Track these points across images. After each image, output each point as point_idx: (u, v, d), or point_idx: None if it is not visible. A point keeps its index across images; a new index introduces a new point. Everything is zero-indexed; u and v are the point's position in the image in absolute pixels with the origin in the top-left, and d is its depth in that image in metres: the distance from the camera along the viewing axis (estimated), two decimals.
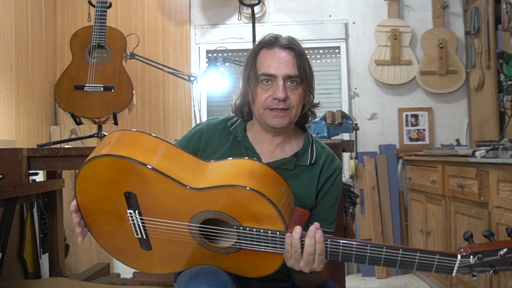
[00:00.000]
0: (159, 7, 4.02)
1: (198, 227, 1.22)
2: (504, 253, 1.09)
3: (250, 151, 1.42)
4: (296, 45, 1.39)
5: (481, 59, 3.52)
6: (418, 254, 1.11)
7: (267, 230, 1.17)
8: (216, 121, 1.49)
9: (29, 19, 3.44)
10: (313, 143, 1.46)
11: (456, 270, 1.11)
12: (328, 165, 1.42)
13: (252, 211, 1.16)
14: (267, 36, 1.41)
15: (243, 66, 1.45)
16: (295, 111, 1.37)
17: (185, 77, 3.00)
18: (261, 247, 1.18)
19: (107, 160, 1.21)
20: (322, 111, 1.85)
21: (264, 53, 1.38)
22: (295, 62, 1.36)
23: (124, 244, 1.31)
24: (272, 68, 1.35)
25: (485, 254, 1.09)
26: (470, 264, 1.10)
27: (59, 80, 2.34)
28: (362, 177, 3.87)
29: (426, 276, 3.44)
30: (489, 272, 1.11)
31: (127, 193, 1.24)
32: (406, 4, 4.01)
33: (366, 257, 1.14)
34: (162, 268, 1.32)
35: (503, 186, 2.31)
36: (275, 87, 1.34)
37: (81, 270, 3.20)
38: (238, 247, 1.22)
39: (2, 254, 2.12)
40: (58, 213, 2.73)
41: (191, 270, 1.24)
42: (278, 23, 4.01)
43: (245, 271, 1.26)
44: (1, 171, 1.85)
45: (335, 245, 1.15)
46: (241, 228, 1.19)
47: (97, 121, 2.31)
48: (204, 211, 1.20)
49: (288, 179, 1.32)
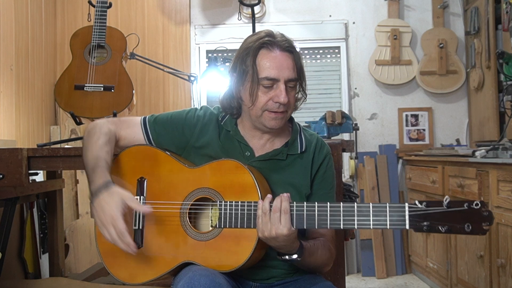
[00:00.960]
0: (159, 7, 4.02)
1: (188, 204, 1.35)
2: (448, 202, 1.14)
3: (243, 145, 1.44)
4: (294, 46, 1.40)
5: (481, 59, 3.52)
6: (371, 205, 1.19)
7: (244, 202, 1.29)
8: (211, 113, 1.49)
9: (29, 19, 3.44)
10: (301, 131, 1.48)
11: (408, 221, 1.16)
12: (318, 152, 1.46)
13: (234, 182, 1.32)
14: (262, 33, 1.40)
15: (233, 62, 1.44)
16: (291, 111, 1.42)
17: (185, 77, 3.00)
18: (238, 223, 1.29)
19: (129, 150, 1.46)
20: (322, 111, 1.85)
21: (264, 54, 1.37)
22: (295, 64, 1.38)
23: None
24: (274, 72, 1.35)
25: (430, 204, 1.15)
26: (419, 209, 1.15)
27: (59, 80, 2.34)
28: (362, 177, 3.87)
29: (426, 276, 3.44)
30: (442, 228, 1.14)
31: (140, 178, 1.42)
32: (406, 4, 4.01)
33: (327, 217, 1.23)
34: (146, 273, 1.36)
35: (503, 186, 2.31)
36: (277, 91, 1.35)
37: (81, 270, 3.20)
38: (219, 228, 1.31)
39: (2, 254, 2.12)
40: (58, 213, 2.72)
41: (187, 273, 1.25)
42: (278, 23, 4.01)
43: (223, 262, 1.29)
44: (1, 171, 1.84)
45: (299, 207, 1.25)
46: (223, 202, 1.31)
47: None
48: (197, 189, 1.35)
49: (282, 169, 1.41)
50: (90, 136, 1.44)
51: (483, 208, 1.13)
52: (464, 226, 1.13)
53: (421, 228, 1.15)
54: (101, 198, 1.29)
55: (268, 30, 1.42)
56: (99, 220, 1.28)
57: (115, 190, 1.30)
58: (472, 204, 1.13)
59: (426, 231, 1.15)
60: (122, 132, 1.48)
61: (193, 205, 1.36)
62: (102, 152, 1.39)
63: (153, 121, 1.49)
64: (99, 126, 1.45)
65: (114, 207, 1.26)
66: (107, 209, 1.26)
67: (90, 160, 1.38)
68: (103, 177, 1.33)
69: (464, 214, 1.13)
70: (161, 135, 1.47)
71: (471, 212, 1.13)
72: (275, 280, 1.40)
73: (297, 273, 1.42)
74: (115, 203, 1.27)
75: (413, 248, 3.66)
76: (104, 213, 1.27)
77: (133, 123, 1.50)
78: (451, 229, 1.14)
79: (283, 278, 1.40)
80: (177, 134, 1.46)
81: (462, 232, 1.13)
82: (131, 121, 1.50)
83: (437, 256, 3.18)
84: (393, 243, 3.77)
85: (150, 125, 1.48)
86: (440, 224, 1.14)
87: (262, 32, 1.41)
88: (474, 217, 1.13)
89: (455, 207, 1.14)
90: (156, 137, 1.47)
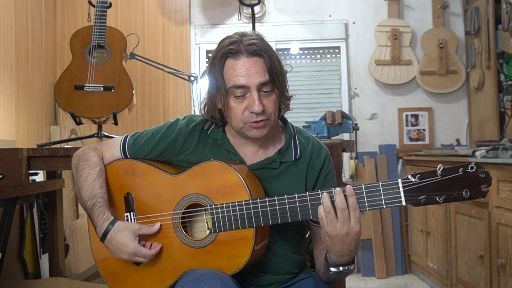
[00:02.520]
0: (159, 7, 4.02)
1: (179, 213, 1.32)
2: (441, 171, 1.09)
3: (232, 154, 1.38)
4: (262, 47, 1.28)
5: (481, 59, 3.52)
6: (364, 186, 1.15)
7: (235, 203, 1.25)
8: (194, 123, 1.42)
9: (29, 19, 3.44)
10: (295, 135, 1.41)
11: (404, 196, 1.12)
12: (316, 157, 1.40)
13: (221, 183, 1.28)
14: (227, 41, 1.30)
15: (207, 69, 1.37)
16: (273, 117, 1.32)
17: (185, 77, 3.00)
18: (233, 225, 1.26)
19: (110, 168, 1.42)
20: (322, 111, 1.85)
21: (230, 65, 1.28)
22: (265, 67, 1.27)
23: (117, 261, 1.36)
24: (243, 79, 1.26)
25: (424, 175, 1.11)
26: (412, 183, 1.11)
27: (59, 80, 2.34)
28: (362, 177, 3.87)
29: (426, 276, 3.44)
30: (439, 198, 1.10)
31: (126, 194, 1.38)
32: (406, 4, 4.01)
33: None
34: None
35: (503, 186, 2.31)
36: (250, 99, 1.27)
37: (81, 270, 3.20)
38: (214, 233, 1.28)
39: (2, 254, 2.12)
40: (58, 213, 2.72)
41: (194, 275, 1.22)
42: (278, 23, 4.01)
43: (225, 265, 1.27)
44: (1, 171, 1.85)
45: (290, 198, 1.21)
46: (214, 206, 1.27)
47: (97, 121, 2.30)
48: (184, 196, 1.32)
49: (274, 178, 1.36)
50: (79, 171, 1.39)
51: (479, 169, 1.08)
52: (462, 192, 1.08)
53: (419, 202, 1.10)
54: (112, 239, 1.29)
55: (238, 33, 1.32)
56: (121, 258, 1.31)
57: (121, 226, 1.30)
58: (467, 168, 1.08)
59: (424, 204, 1.10)
60: (105, 154, 1.44)
61: (184, 213, 1.33)
62: (95, 188, 1.35)
63: (132, 142, 1.44)
64: (85, 158, 1.41)
65: (129, 243, 1.28)
66: (123, 248, 1.28)
67: (86, 200, 1.35)
68: (105, 217, 1.32)
69: (460, 180, 1.08)
70: (139, 155, 1.43)
71: (467, 176, 1.08)
72: (277, 285, 1.39)
73: (298, 276, 1.42)
74: (127, 239, 1.28)
75: (413, 248, 3.66)
76: (122, 253, 1.29)
77: (113, 144, 1.46)
78: (448, 198, 1.09)
79: (285, 282, 1.39)
80: (157, 151, 1.41)
81: (461, 198, 1.09)
82: (112, 142, 1.47)
83: (437, 256, 3.18)
84: (393, 243, 3.77)
85: (128, 147, 1.43)
86: (437, 195, 1.09)
87: (230, 37, 1.31)
88: (471, 181, 1.08)
89: (450, 174, 1.09)
90: (134, 158, 1.44)
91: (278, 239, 1.37)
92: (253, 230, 1.25)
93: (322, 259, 1.30)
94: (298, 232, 1.43)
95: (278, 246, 1.37)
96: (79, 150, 1.46)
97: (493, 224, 2.39)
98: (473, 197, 1.08)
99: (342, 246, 1.16)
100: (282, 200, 1.22)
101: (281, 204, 1.23)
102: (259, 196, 1.30)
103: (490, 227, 2.42)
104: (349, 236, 1.14)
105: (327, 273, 1.27)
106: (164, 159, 1.43)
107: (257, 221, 1.25)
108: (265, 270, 1.37)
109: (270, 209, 1.23)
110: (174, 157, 1.41)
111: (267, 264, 1.36)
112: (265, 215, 1.24)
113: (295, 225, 1.39)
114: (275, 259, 1.37)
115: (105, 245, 1.32)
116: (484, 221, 2.49)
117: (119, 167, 1.42)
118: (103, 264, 1.41)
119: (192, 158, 1.38)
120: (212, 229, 1.28)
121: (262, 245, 1.31)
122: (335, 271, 1.23)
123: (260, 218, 1.24)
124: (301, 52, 4.08)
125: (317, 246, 1.41)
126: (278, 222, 1.24)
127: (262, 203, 1.24)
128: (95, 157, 1.42)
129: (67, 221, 3.35)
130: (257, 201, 1.24)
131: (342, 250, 1.17)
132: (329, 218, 1.14)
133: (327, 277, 1.31)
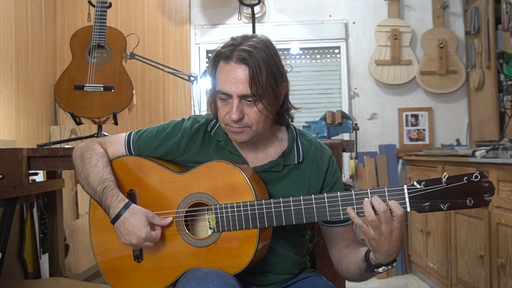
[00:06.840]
0: (159, 7, 4.02)
1: (183, 212, 1.32)
2: (447, 179, 1.11)
3: (235, 155, 1.38)
4: (254, 56, 1.23)
5: (481, 59, 3.52)
6: (369, 191, 1.17)
7: (240, 203, 1.26)
8: (198, 124, 1.42)
9: (29, 19, 3.44)
10: (297, 138, 1.42)
11: (409, 203, 1.14)
12: (320, 158, 1.40)
13: (226, 183, 1.28)
14: (228, 41, 1.30)
15: (207, 68, 1.37)
16: (255, 127, 1.29)
17: (185, 77, 3.00)
18: (237, 225, 1.26)
19: (114, 164, 1.41)
20: (322, 111, 1.85)
21: (221, 67, 1.28)
22: (249, 79, 1.23)
23: (117, 257, 1.37)
24: (227, 86, 1.26)
25: (430, 182, 1.12)
26: (418, 190, 1.13)
27: (59, 80, 2.34)
28: (362, 177, 3.87)
29: (426, 276, 3.44)
30: (443, 205, 1.11)
31: (130, 191, 1.38)
32: (406, 4, 4.01)
33: (326, 208, 1.21)
34: (150, 286, 1.35)
35: (503, 186, 2.31)
36: (231, 106, 1.27)
37: (81, 270, 3.19)
38: (217, 233, 1.28)
39: (2, 254, 2.12)
40: (58, 213, 2.72)
41: (197, 274, 1.22)
42: (278, 23, 4.01)
43: (227, 265, 1.27)
44: (1, 171, 1.84)
45: (296, 201, 1.23)
46: (218, 206, 1.27)
47: (97, 121, 2.30)
48: (189, 195, 1.32)
49: (278, 181, 1.36)
50: (85, 160, 1.38)
51: (483, 179, 1.09)
52: (466, 201, 1.10)
53: (423, 209, 1.12)
54: (126, 221, 1.27)
55: (244, 35, 1.31)
56: (129, 243, 1.28)
57: (137, 209, 1.29)
58: (471, 177, 1.10)
59: (428, 211, 1.12)
60: (108, 150, 1.44)
61: (187, 211, 1.33)
62: (105, 174, 1.34)
63: (137, 139, 1.44)
64: (91, 148, 1.41)
65: (142, 227, 1.26)
66: (136, 232, 1.26)
67: (95, 185, 1.33)
68: (119, 198, 1.30)
69: (464, 188, 1.10)
70: (144, 153, 1.43)
71: (471, 185, 1.10)
72: (277, 285, 1.39)
73: (298, 276, 1.42)
74: (141, 222, 1.26)
75: (413, 248, 3.66)
76: (133, 236, 1.26)
77: (118, 140, 1.46)
78: (452, 206, 1.11)
79: (285, 282, 1.40)
80: (161, 150, 1.42)
81: (464, 206, 1.10)
82: (116, 138, 1.46)
83: (437, 256, 3.18)
84: None
85: (133, 143, 1.44)
86: (442, 202, 1.11)
87: (234, 38, 1.30)
88: (475, 190, 1.10)
89: (455, 182, 1.11)
90: (139, 155, 1.44)
91: (279, 239, 1.37)
92: (257, 231, 1.25)
93: (359, 261, 1.29)
94: (298, 234, 1.44)
95: (279, 246, 1.37)
96: (80, 144, 1.47)
97: (493, 224, 2.39)
98: (476, 205, 1.10)
99: (389, 245, 1.17)
100: (287, 202, 1.23)
101: (286, 206, 1.23)
102: (263, 197, 1.30)
103: (490, 227, 2.42)
104: (394, 232, 1.15)
105: (366, 274, 1.28)
106: (168, 159, 1.43)
107: (262, 222, 1.25)
108: (265, 270, 1.37)
109: (275, 211, 1.24)
110: (179, 157, 1.41)
111: (268, 264, 1.37)
112: (270, 217, 1.24)
113: (295, 226, 1.38)
114: (276, 259, 1.37)
115: (114, 227, 1.29)
116: (484, 221, 2.49)
117: (124, 163, 1.42)
118: (103, 260, 1.40)
119: (196, 158, 1.39)
120: (216, 228, 1.28)
121: (265, 245, 1.31)
122: (381, 270, 1.23)
123: (264, 219, 1.25)
124: (301, 52, 4.08)
125: (334, 247, 1.41)
126: (283, 224, 1.24)
127: (267, 204, 1.24)
128: (101, 149, 1.42)
129: (67, 221, 3.35)
130: (262, 202, 1.25)
131: (389, 249, 1.18)
132: (374, 224, 1.15)
133: (362, 277, 1.31)
